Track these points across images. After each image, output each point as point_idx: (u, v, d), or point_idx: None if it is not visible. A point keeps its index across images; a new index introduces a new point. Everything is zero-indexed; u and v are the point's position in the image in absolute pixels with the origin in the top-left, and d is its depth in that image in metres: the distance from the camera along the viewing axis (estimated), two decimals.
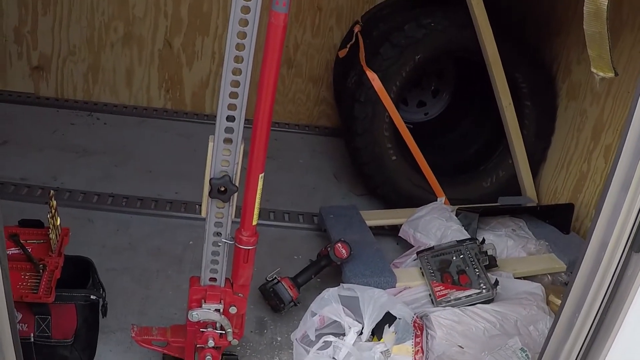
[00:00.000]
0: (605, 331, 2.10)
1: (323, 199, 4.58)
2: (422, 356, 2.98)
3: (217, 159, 2.44)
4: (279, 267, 3.54)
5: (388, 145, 4.19)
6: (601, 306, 2.08)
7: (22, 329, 2.79)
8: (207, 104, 5.52)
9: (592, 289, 2.06)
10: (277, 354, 3.28)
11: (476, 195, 4.45)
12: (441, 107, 5.19)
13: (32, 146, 4.73)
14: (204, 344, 2.82)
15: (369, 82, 4.07)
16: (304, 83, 5.48)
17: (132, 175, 4.56)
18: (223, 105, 2.35)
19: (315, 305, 3.18)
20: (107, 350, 3.13)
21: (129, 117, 5.38)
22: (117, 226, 4.02)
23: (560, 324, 2.19)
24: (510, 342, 3.07)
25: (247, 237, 2.63)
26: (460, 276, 3.42)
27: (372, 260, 3.59)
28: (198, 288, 2.74)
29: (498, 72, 4.23)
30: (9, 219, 2.98)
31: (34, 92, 5.46)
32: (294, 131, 5.50)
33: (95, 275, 3.04)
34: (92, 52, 5.33)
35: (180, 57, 5.36)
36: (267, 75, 2.34)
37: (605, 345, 2.10)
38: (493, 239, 3.86)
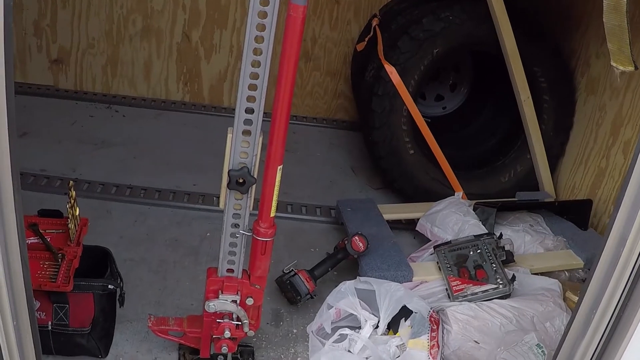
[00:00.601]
0: (623, 328, 2.08)
1: (340, 192, 4.58)
2: (438, 351, 2.97)
3: (236, 150, 2.44)
4: (296, 260, 3.55)
5: (406, 139, 4.18)
6: (619, 303, 2.07)
7: (40, 317, 2.82)
8: (224, 97, 5.53)
9: (609, 286, 2.05)
10: (292, 346, 3.28)
11: (494, 190, 4.44)
12: (459, 101, 5.18)
13: (51, 138, 4.75)
14: (220, 334, 2.83)
15: (387, 76, 4.07)
16: (321, 76, 5.48)
17: (150, 167, 4.58)
18: (242, 97, 2.36)
19: (331, 298, 3.19)
20: (124, 339, 3.15)
21: (147, 110, 5.40)
22: (135, 217, 4.04)
23: (577, 320, 2.18)
24: (527, 338, 3.06)
25: (265, 228, 2.64)
26: (477, 271, 3.41)
27: (389, 254, 3.59)
28: (215, 279, 2.75)
29: (516, 66, 4.21)
30: (28, 209, 2.98)
31: (54, 85, 5.48)
32: (311, 124, 5.50)
33: (113, 265, 3.06)
34: (110, 45, 5.35)
35: (199, 50, 5.37)
36: (286, 68, 2.34)
37: (622, 343, 2.08)
38: (510, 234, 3.85)
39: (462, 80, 5.17)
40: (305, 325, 3.32)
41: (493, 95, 4.90)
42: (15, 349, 2.11)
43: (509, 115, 4.56)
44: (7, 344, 2.08)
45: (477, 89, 5.11)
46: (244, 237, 2.65)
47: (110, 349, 3.08)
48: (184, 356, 3.06)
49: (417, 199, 4.30)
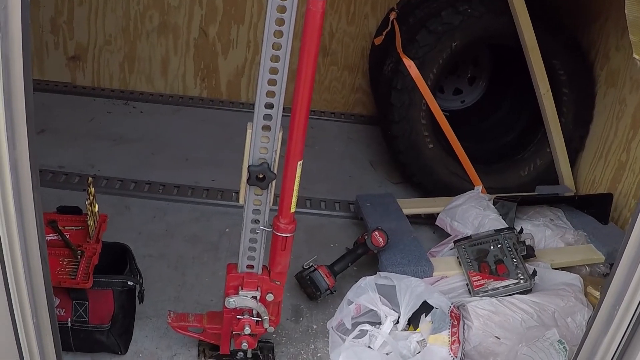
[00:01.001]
0: None
1: (359, 187, 4.56)
2: (459, 346, 2.96)
3: (256, 146, 2.43)
4: (316, 255, 3.53)
5: (425, 133, 4.17)
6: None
7: (59, 314, 2.82)
8: (242, 92, 5.53)
9: (633, 281, 2.02)
10: (312, 341, 3.27)
11: (513, 183, 4.42)
12: (478, 95, 5.16)
13: (69, 134, 4.76)
14: (240, 330, 2.83)
15: (405, 70, 4.05)
16: (339, 71, 5.47)
17: (168, 163, 4.58)
18: (261, 93, 2.35)
19: (351, 294, 3.18)
20: (144, 336, 3.15)
21: (165, 106, 5.41)
22: (154, 213, 4.04)
23: (600, 316, 2.16)
24: (548, 333, 3.04)
25: (285, 224, 2.63)
26: (497, 266, 3.39)
27: (409, 249, 3.57)
28: (235, 275, 2.75)
29: (536, 59, 4.19)
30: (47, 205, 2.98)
31: (71, 82, 5.50)
32: (329, 119, 5.50)
33: (132, 262, 3.05)
34: (127, 41, 5.35)
35: (216, 45, 5.37)
36: (306, 62, 2.32)
37: None
38: (531, 228, 3.83)
39: (480, 74, 5.15)
40: (325, 321, 3.32)
41: (512, 88, 4.87)
42: (35, 346, 2.11)
43: (528, 108, 4.53)
44: (27, 341, 2.09)
45: (496, 82, 5.09)
46: (264, 233, 2.64)
47: (130, 345, 3.09)
48: (203, 352, 3.06)
49: (436, 193, 4.29)
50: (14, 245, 1.89)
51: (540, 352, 2.99)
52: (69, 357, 2.93)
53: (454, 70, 5.02)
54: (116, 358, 3.02)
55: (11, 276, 1.93)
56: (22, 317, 2.03)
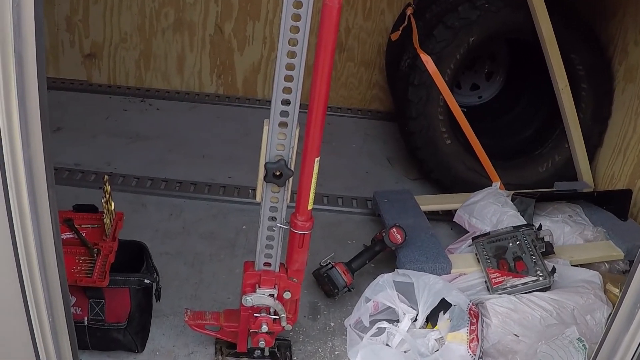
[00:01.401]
0: None
1: (376, 183, 4.54)
2: (477, 344, 2.94)
3: (273, 142, 2.42)
4: (333, 252, 3.52)
5: (442, 129, 4.15)
6: None
7: (76, 313, 2.82)
8: (258, 89, 5.52)
9: None
10: (330, 339, 3.26)
11: (531, 179, 4.39)
12: (495, 90, 5.13)
13: (85, 132, 4.76)
14: (257, 328, 2.82)
15: (423, 65, 4.03)
16: (355, 67, 5.45)
17: (185, 160, 4.57)
18: (278, 89, 2.33)
19: (369, 291, 3.16)
20: (160, 334, 3.14)
21: (181, 103, 5.40)
22: (170, 210, 4.03)
23: (621, 314, 2.13)
24: (568, 331, 3.02)
25: (303, 221, 2.61)
26: (516, 263, 3.37)
27: (427, 246, 3.55)
28: (252, 273, 2.74)
29: (554, 54, 4.16)
30: (63, 203, 2.98)
31: (87, 80, 5.50)
32: (346, 115, 5.49)
33: (149, 260, 3.05)
34: (143, 38, 5.35)
35: (232, 42, 5.36)
36: (323, 57, 2.30)
37: None
38: (549, 225, 3.80)
39: (497, 69, 5.12)
40: (342, 319, 3.31)
41: (529, 83, 4.84)
42: (51, 345, 2.11)
43: (546, 104, 4.50)
44: (43, 340, 2.08)
45: (513, 77, 5.06)
46: (281, 231, 2.63)
47: (147, 343, 3.08)
48: (220, 350, 3.05)
49: (454, 189, 4.27)
50: (29, 243, 1.88)
51: (560, 350, 2.97)
52: (86, 356, 2.93)
53: (471, 66, 5.00)
54: (133, 356, 3.01)
55: (27, 275, 1.93)
56: (38, 316, 2.03)
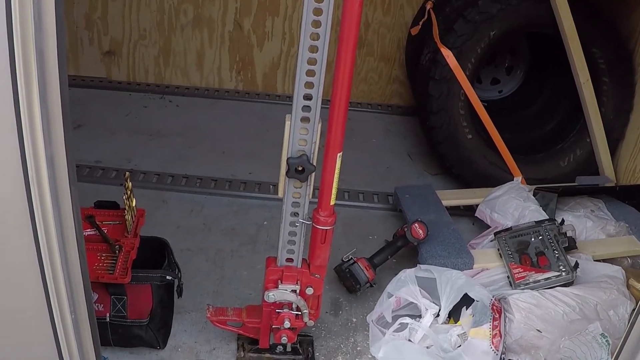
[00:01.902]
0: None
1: (397, 178, 4.53)
2: (500, 340, 2.93)
3: (295, 138, 2.41)
4: (355, 248, 3.50)
5: (463, 124, 4.13)
6: None
7: (98, 309, 2.83)
8: (278, 85, 5.51)
9: None
10: (352, 335, 3.25)
11: (553, 174, 4.37)
12: (515, 85, 5.11)
13: (105, 129, 4.78)
14: (279, 324, 2.82)
15: (443, 60, 4.01)
16: (375, 62, 5.44)
17: (205, 156, 4.58)
18: (300, 84, 2.32)
19: (391, 287, 3.16)
20: (182, 330, 3.15)
21: (201, 99, 5.40)
22: (191, 207, 4.04)
23: None
24: (591, 327, 3.00)
25: (325, 217, 2.60)
26: (539, 258, 3.35)
27: (449, 241, 3.54)
28: (275, 269, 2.73)
29: (575, 48, 4.13)
30: (84, 200, 2.98)
31: (106, 77, 5.51)
32: (366, 110, 5.48)
33: (170, 256, 3.05)
34: (162, 35, 5.35)
35: (251, 38, 5.35)
36: (345, 52, 2.29)
37: None
38: (572, 219, 3.78)
39: (518, 63, 5.10)
40: (364, 315, 3.31)
41: (550, 78, 4.82)
42: (74, 342, 2.11)
43: (567, 98, 4.48)
44: (65, 337, 2.09)
45: (534, 71, 5.03)
46: (304, 226, 2.62)
47: (169, 339, 3.09)
48: (242, 347, 3.05)
49: (475, 184, 4.26)
50: (51, 240, 1.88)
51: (583, 345, 2.96)
52: (108, 352, 2.94)
53: (491, 60, 4.97)
54: (155, 353, 3.02)
55: (49, 271, 1.93)
56: (60, 313, 2.03)
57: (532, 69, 5.05)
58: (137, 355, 3.00)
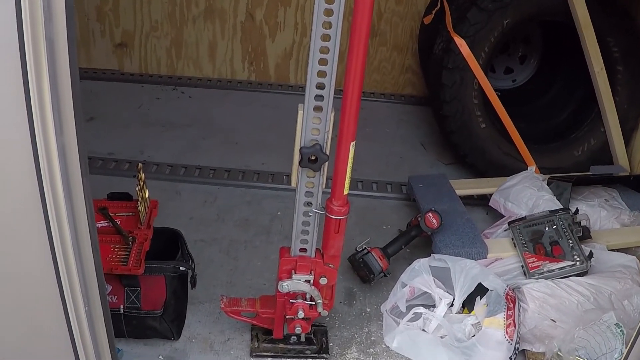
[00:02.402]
0: None
1: (411, 168, 4.53)
2: (514, 329, 2.92)
3: (307, 127, 2.40)
4: (369, 238, 3.50)
5: (477, 113, 4.12)
6: None
7: (112, 301, 2.83)
8: (291, 75, 5.51)
9: None
10: (366, 325, 3.25)
11: (567, 163, 4.35)
12: (529, 74, 5.08)
13: (118, 121, 4.78)
14: (293, 315, 2.81)
15: (456, 49, 4.00)
16: (388, 51, 5.42)
17: (218, 147, 4.58)
18: (312, 73, 2.31)
19: (405, 276, 3.15)
20: (196, 321, 3.15)
21: (214, 90, 5.40)
22: (204, 198, 4.04)
23: None
24: (605, 316, 2.99)
25: (338, 207, 2.60)
26: (553, 247, 3.35)
27: (462, 231, 3.53)
28: (288, 259, 2.73)
29: (589, 36, 4.11)
30: (97, 192, 2.99)
31: (119, 69, 5.52)
32: (379, 100, 5.47)
33: (184, 247, 3.05)
34: (174, 27, 5.35)
35: (263, 28, 5.34)
36: (357, 40, 2.27)
37: None
38: (586, 209, 3.77)
39: (531, 52, 5.07)
40: (378, 304, 3.30)
41: (564, 67, 4.79)
42: (88, 334, 2.12)
43: (581, 87, 4.46)
44: (79, 329, 2.09)
45: (548, 60, 5.01)
46: (317, 216, 2.61)
47: (183, 330, 3.09)
48: (256, 337, 3.06)
49: (489, 173, 4.24)
50: (64, 232, 1.88)
51: (597, 335, 2.94)
52: (122, 344, 2.94)
53: (504, 49, 4.94)
54: (169, 344, 3.02)
55: (62, 264, 1.93)
56: (74, 305, 2.03)
57: (546, 58, 5.02)
58: (152, 347, 3.00)
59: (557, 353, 2.96)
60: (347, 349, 3.09)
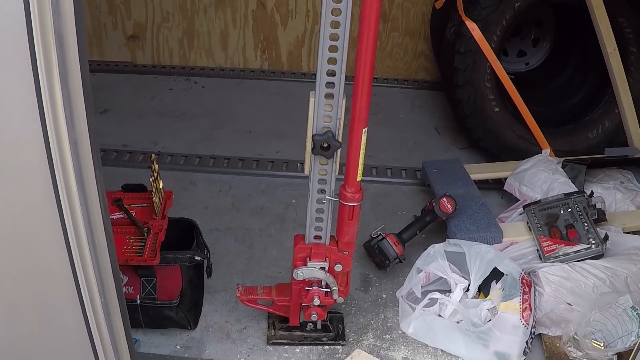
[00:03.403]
0: None
1: (425, 153, 4.52)
2: (530, 313, 2.92)
3: (319, 114, 2.40)
4: (383, 224, 3.51)
5: (490, 97, 4.11)
6: None
7: (128, 292, 2.84)
8: (303, 62, 5.50)
9: None
10: (382, 311, 3.25)
11: (581, 146, 4.33)
12: (542, 57, 5.05)
13: (132, 113, 4.80)
14: (309, 302, 2.82)
15: (468, 32, 3.99)
16: (400, 37, 5.40)
17: (232, 136, 4.58)
18: (323, 60, 2.30)
19: (420, 262, 3.16)
20: (213, 310, 3.16)
21: (226, 80, 5.41)
22: (219, 187, 4.05)
23: None
24: (621, 300, 2.98)
25: (352, 193, 2.59)
26: (568, 231, 3.34)
27: (477, 215, 3.53)
28: (303, 246, 2.73)
29: (602, 17, 4.08)
30: (112, 184, 3.01)
31: (131, 61, 5.53)
32: (392, 86, 5.46)
33: (199, 237, 3.06)
34: (185, 17, 5.35)
35: (275, 16, 5.33)
36: (367, 25, 2.26)
37: None
38: (601, 191, 3.76)
39: (544, 35, 5.04)
40: (394, 290, 3.31)
41: (577, 48, 4.76)
42: (104, 325, 2.12)
43: (595, 69, 4.44)
44: (96, 321, 2.10)
45: (560, 43, 4.98)
46: (331, 203, 2.61)
47: (200, 320, 3.11)
48: (273, 325, 3.06)
49: (503, 157, 4.23)
50: (78, 225, 1.89)
51: (613, 318, 2.94)
52: (139, 334, 2.96)
53: (517, 32, 4.92)
54: (186, 333, 3.03)
55: (77, 256, 1.94)
56: (89, 297, 2.04)
57: (559, 40, 4.99)
58: (169, 337, 3.01)
59: (573, 337, 2.96)
60: (363, 335, 3.09)
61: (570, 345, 2.97)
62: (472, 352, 2.95)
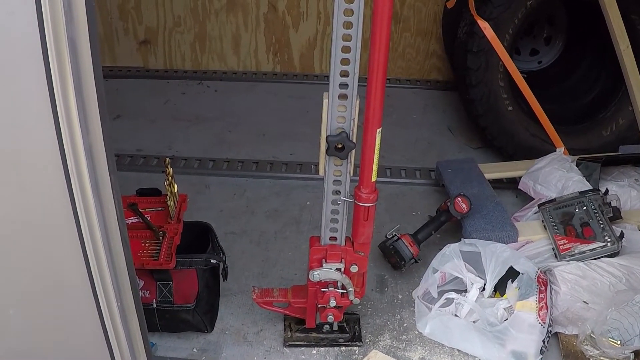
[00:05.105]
0: None
1: (439, 153, 4.53)
2: (547, 312, 2.91)
3: (333, 115, 2.40)
4: (398, 224, 3.50)
5: (504, 96, 4.10)
6: None
7: (144, 296, 2.85)
8: (315, 64, 5.51)
9: None
10: (398, 312, 3.24)
11: (596, 144, 4.32)
12: (555, 55, 5.04)
13: (145, 118, 4.82)
14: (325, 303, 2.82)
15: (480, 32, 3.98)
16: (412, 37, 5.40)
17: (246, 139, 4.59)
18: (336, 61, 2.30)
19: (436, 262, 3.15)
20: (229, 313, 3.17)
21: (239, 83, 5.42)
22: (233, 190, 4.05)
23: None
24: (638, 297, 2.96)
25: (367, 194, 2.59)
26: (583, 229, 3.33)
27: (492, 214, 3.52)
28: (318, 248, 2.73)
29: (614, 14, 4.07)
30: (126, 189, 3.01)
31: (143, 66, 5.55)
32: (405, 86, 5.46)
33: (214, 240, 3.07)
34: (197, 21, 5.36)
35: (286, 19, 5.34)
36: (380, 25, 2.26)
37: None
38: (616, 189, 3.74)
39: (556, 33, 5.03)
40: (410, 291, 3.31)
41: (590, 46, 4.75)
42: (121, 329, 2.13)
43: (608, 66, 4.43)
44: (113, 325, 2.11)
45: (573, 41, 4.96)
46: (346, 204, 2.61)
47: (216, 323, 3.11)
48: (289, 327, 3.06)
49: (517, 156, 4.22)
50: (94, 229, 1.90)
51: (630, 316, 2.92)
52: (156, 338, 2.96)
53: (529, 31, 4.91)
54: (202, 336, 3.04)
55: (93, 261, 1.95)
56: (106, 301, 2.05)
57: (571, 39, 4.98)
58: (185, 340, 3.02)
59: (590, 335, 2.95)
60: (379, 336, 3.09)
61: (587, 344, 2.95)
62: (489, 351, 2.94)
